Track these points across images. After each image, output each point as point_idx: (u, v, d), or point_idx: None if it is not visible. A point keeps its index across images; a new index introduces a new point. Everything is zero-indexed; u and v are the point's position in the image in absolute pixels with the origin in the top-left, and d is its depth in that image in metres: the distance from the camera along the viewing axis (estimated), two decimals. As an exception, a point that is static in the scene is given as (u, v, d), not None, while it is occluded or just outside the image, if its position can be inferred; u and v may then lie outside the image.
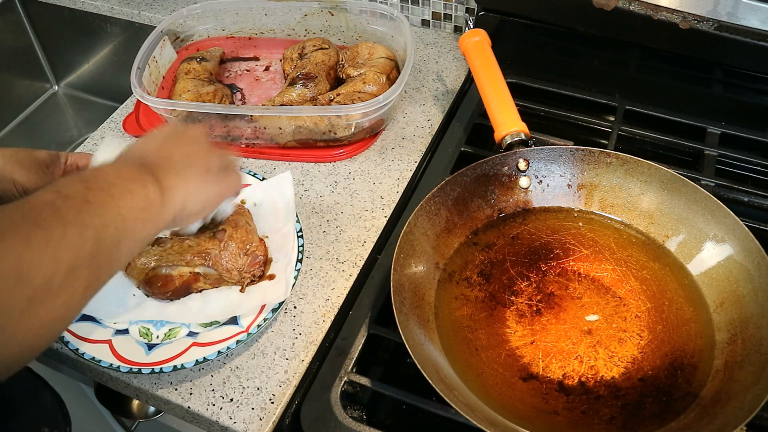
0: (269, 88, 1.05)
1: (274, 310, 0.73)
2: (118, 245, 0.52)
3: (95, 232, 0.50)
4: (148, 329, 0.74)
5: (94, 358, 0.70)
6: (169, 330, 0.74)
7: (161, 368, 0.69)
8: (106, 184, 0.54)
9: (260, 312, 0.73)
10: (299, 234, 0.80)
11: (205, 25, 1.10)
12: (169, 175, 0.59)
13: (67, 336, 0.72)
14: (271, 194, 0.83)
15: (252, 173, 0.87)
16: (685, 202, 0.78)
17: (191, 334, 0.73)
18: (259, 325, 0.72)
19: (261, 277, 0.77)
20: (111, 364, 0.70)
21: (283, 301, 0.74)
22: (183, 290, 0.76)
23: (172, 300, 0.76)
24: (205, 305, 0.75)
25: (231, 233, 0.76)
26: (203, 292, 0.76)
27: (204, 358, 0.70)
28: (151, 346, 0.72)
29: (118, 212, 0.52)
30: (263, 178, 0.86)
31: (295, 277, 0.76)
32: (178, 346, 0.71)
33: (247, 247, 0.76)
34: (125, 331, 0.73)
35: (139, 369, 0.69)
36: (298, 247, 0.78)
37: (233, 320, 0.73)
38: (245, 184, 0.83)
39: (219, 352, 0.70)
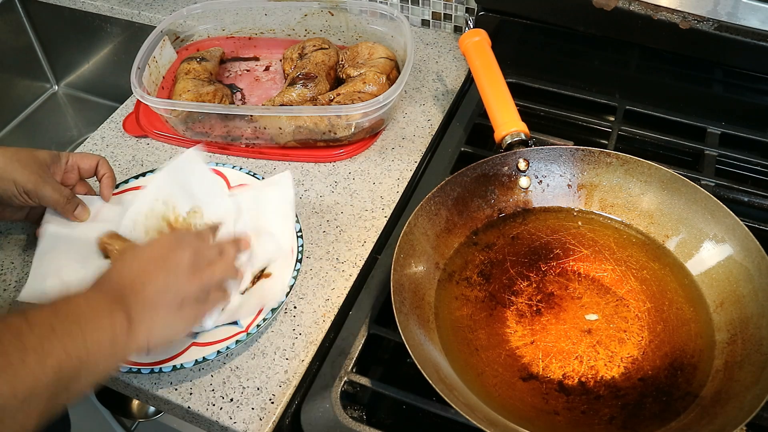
0: (269, 88, 1.05)
1: (273, 311, 0.73)
2: (78, 376, 0.52)
3: (57, 363, 0.50)
4: None
5: None
6: None
7: (161, 368, 0.69)
8: (75, 315, 0.54)
9: (259, 312, 0.73)
10: (299, 234, 0.80)
11: (205, 25, 1.10)
12: (140, 310, 0.59)
13: None
14: (271, 193, 0.83)
15: (252, 173, 0.87)
16: (685, 202, 0.78)
17: (191, 333, 0.73)
18: (258, 325, 0.72)
19: (259, 277, 0.77)
20: None
21: (282, 302, 0.74)
22: None
23: None
24: None
25: None
26: None
27: (203, 358, 0.69)
28: None
29: (84, 344, 0.52)
30: (262, 178, 0.86)
31: (294, 278, 0.76)
32: (177, 346, 0.71)
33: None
34: None
35: (139, 369, 0.69)
36: (298, 247, 0.78)
37: (233, 321, 0.73)
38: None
39: (218, 352, 0.70)
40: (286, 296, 0.74)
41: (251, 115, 0.91)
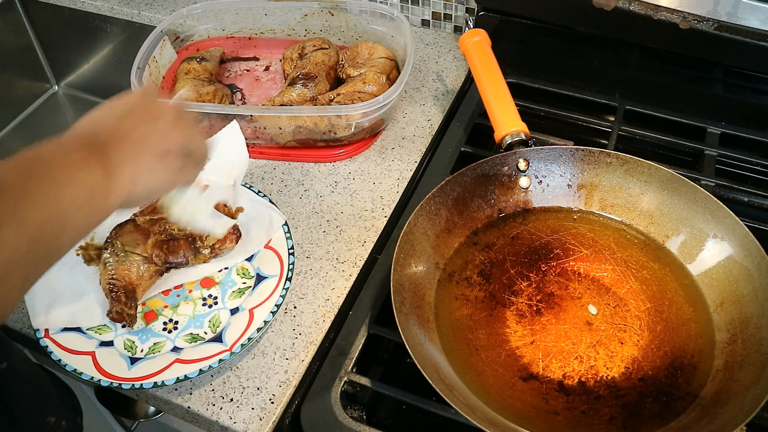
0: (269, 88, 1.05)
1: (259, 329, 0.72)
2: (59, 237, 0.49)
3: (34, 228, 0.46)
4: (133, 342, 0.73)
5: (75, 370, 0.70)
6: (154, 344, 0.73)
7: (141, 384, 0.68)
8: (48, 173, 0.49)
9: (245, 331, 0.72)
10: (291, 252, 0.79)
11: (205, 25, 1.10)
12: (121, 158, 0.54)
13: (51, 346, 0.72)
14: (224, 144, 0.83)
15: (255, 190, 0.86)
16: (685, 202, 0.78)
17: (175, 349, 0.73)
18: (242, 345, 0.71)
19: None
20: (92, 377, 0.69)
21: (270, 321, 0.73)
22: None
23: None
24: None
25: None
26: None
27: (185, 376, 0.69)
28: (133, 360, 0.71)
29: (59, 204, 0.49)
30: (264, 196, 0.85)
31: (283, 296, 0.75)
32: (160, 362, 0.71)
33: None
34: (110, 343, 0.73)
35: (120, 384, 0.69)
36: (288, 265, 0.78)
37: (218, 338, 0.73)
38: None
39: (201, 370, 0.69)
40: (273, 315, 0.73)
41: (251, 115, 0.91)
